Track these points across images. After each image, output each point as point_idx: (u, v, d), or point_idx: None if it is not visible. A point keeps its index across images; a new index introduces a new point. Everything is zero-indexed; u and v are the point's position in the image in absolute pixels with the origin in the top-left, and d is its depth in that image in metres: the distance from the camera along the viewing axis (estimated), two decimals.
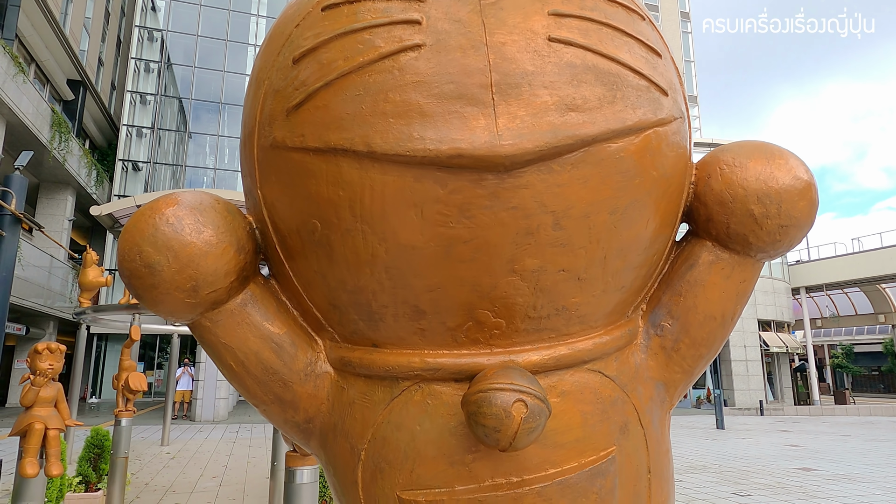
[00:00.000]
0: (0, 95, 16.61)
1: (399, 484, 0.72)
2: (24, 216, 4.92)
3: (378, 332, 0.75)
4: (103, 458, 6.38)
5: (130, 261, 0.70)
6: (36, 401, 3.73)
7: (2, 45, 16.63)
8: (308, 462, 2.99)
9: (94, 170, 25.41)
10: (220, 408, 17.53)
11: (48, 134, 20.22)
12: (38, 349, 3.81)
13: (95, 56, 27.32)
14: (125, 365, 6.35)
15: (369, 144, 0.61)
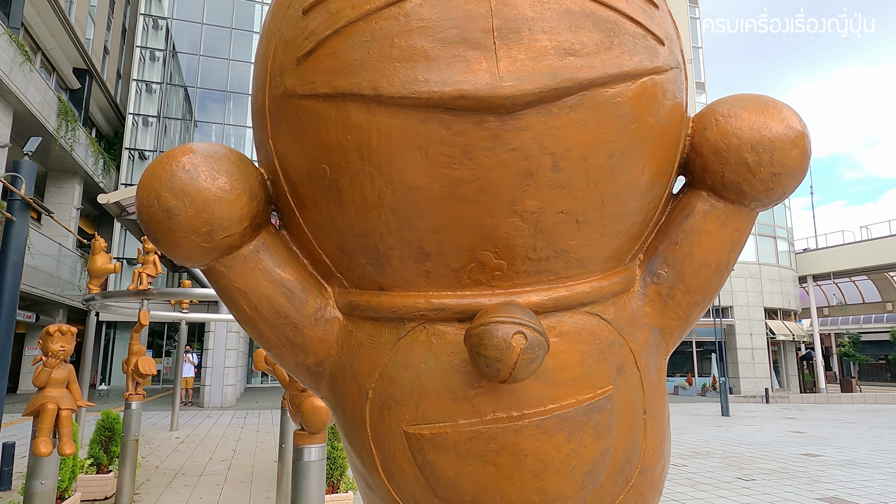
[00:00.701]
0: (7, 84, 16.66)
1: (405, 419, 0.75)
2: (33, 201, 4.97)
3: (385, 276, 0.77)
4: (114, 440, 6.49)
5: (149, 206, 0.73)
6: (48, 382, 3.79)
7: (8, 33, 16.65)
8: (315, 440, 3.04)
9: (101, 158, 25.52)
10: (227, 394, 17.71)
11: (55, 122, 20.30)
12: (49, 331, 3.87)
13: (101, 44, 27.33)
14: (135, 349, 6.43)
15: (376, 88, 0.64)
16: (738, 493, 7.09)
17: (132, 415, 6.29)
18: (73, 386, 3.97)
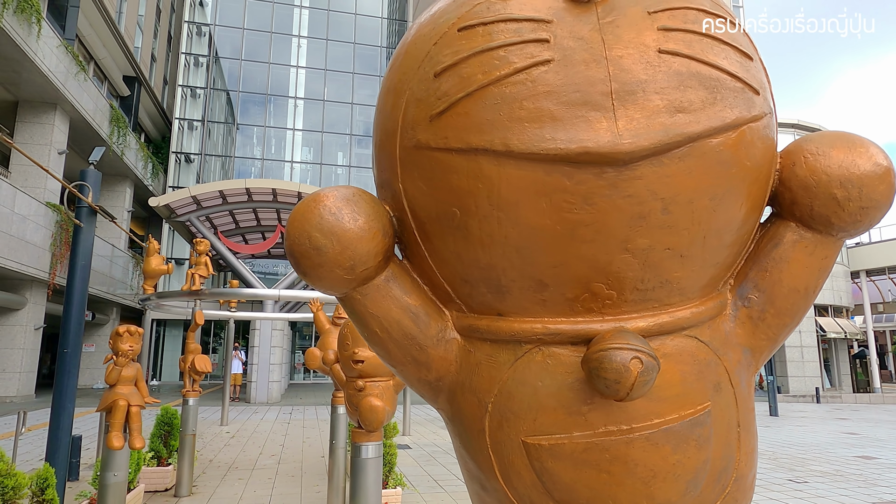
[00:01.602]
0: (64, 93, 17.46)
1: (523, 431, 0.83)
2: (99, 208, 5.24)
3: (504, 303, 0.86)
4: (173, 434, 6.78)
5: (300, 244, 0.82)
6: (119, 379, 4.02)
7: (64, 45, 17.44)
8: (372, 438, 3.15)
9: (150, 162, 26.44)
10: (273, 390, 18.17)
11: (107, 129, 21.16)
12: (119, 332, 4.09)
13: (148, 52, 28.30)
14: (191, 348, 6.71)
15: (507, 145, 0.72)
16: (790, 496, 6.93)
17: (189, 410, 6.57)
18: (141, 383, 4.19)
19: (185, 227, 18.56)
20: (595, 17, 0.74)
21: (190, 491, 6.37)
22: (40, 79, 16.33)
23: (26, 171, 17.06)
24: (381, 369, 3.11)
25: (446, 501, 6.18)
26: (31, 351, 17.04)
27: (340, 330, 3.24)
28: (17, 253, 14.64)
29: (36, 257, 15.71)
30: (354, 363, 3.06)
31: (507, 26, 0.74)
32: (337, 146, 32.53)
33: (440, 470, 7.84)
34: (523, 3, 0.75)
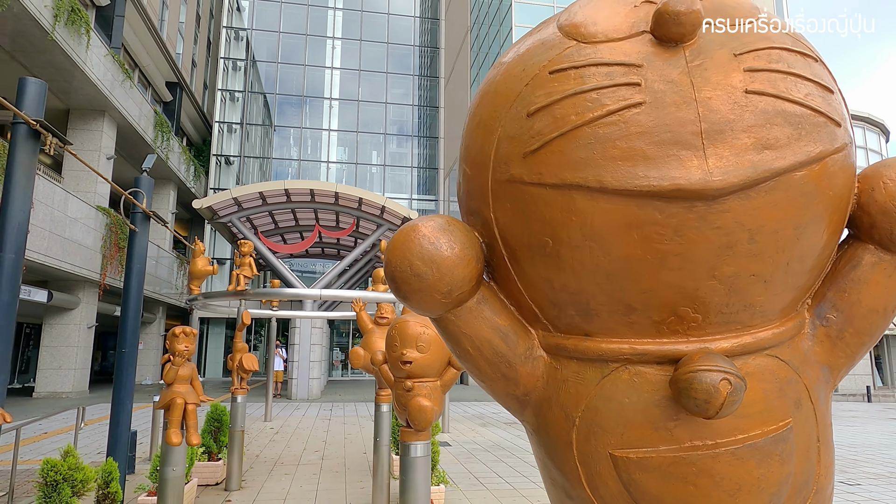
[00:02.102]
0: (112, 101, 18.13)
1: (611, 444, 0.88)
2: (153, 214, 5.47)
3: (591, 325, 0.90)
4: (222, 430, 7.00)
5: (402, 271, 0.89)
6: (176, 379, 4.20)
7: (111, 53, 18.09)
8: (421, 437, 3.22)
9: (192, 165, 27.20)
10: (313, 387, 18.52)
11: (152, 134, 21.87)
12: (175, 333, 4.27)
13: (189, 58, 29.08)
14: (238, 347, 6.91)
15: (601, 181, 0.77)
16: (843, 499, 6.75)
17: (238, 407, 6.78)
18: (196, 382, 4.36)
19: (227, 228, 19.05)
20: (683, 61, 0.78)
21: (240, 485, 6.58)
22: (89, 87, 17.00)
23: (77, 175, 17.79)
24: (429, 370, 3.17)
25: (488, 499, 6.22)
26: (85, 349, 17.79)
27: (388, 331, 3.31)
28: (70, 255, 15.30)
29: (88, 259, 16.38)
30: (403, 364, 3.13)
31: (598, 70, 0.79)
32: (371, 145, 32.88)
33: (481, 468, 7.90)
34: (613, 48, 0.79)
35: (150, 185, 5.68)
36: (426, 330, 3.15)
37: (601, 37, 0.81)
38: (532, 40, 0.89)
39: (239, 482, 6.59)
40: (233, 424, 6.71)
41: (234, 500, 6.08)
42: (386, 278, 0.94)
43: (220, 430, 7.02)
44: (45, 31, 14.25)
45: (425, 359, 3.13)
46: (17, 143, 3.33)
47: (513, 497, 6.28)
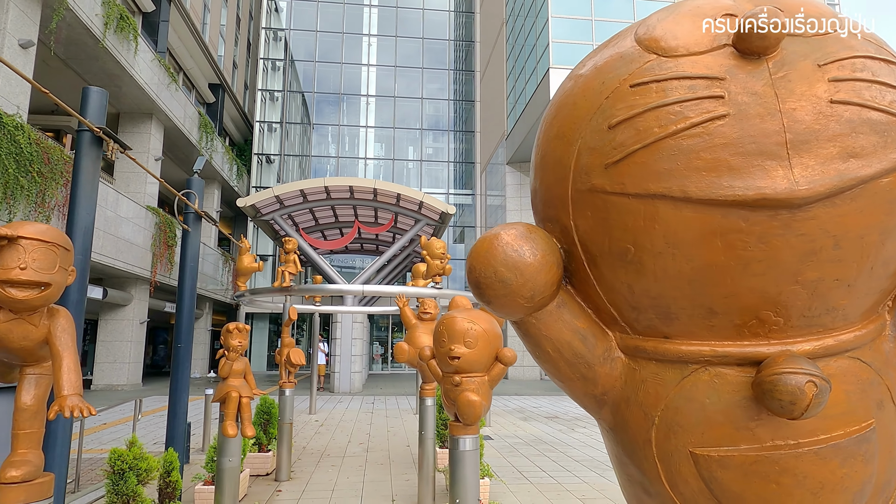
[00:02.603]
0: (159, 104, 18.75)
1: (691, 442, 0.91)
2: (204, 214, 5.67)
3: (671, 328, 0.93)
4: (271, 423, 7.22)
5: (486, 277, 0.93)
6: (230, 373, 4.36)
7: (157, 58, 18.70)
8: (470, 431, 3.27)
9: (235, 164, 27.91)
10: (355, 381, 18.83)
11: (197, 135, 22.52)
12: (229, 329, 4.43)
13: (230, 60, 29.78)
14: (286, 341, 7.09)
15: (685, 192, 0.80)
16: None
17: (286, 401, 6.97)
18: (249, 376, 4.52)
19: (270, 226, 19.50)
20: (767, 73, 0.79)
21: (289, 476, 6.78)
22: (138, 91, 17.62)
23: (128, 177, 18.49)
24: (477, 365, 3.21)
25: (532, 493, 6.25)
26: (138, 343, 18.53)
27: (436, 327, 3.36)
28: (123, 253, 15.94)
29: (139, 257, 17.03)
30: (451, 359, 3.17)
31: (680, 83, 0.81)
32: (408, 141, 33.07)
33: (524, 461, 7.92)
34: (695, 61, 0.81)
35: (200, 187, 5.88)
36: (473, 326, 3.19)
37: (682, 50, 0.83)
38: (609, 53, 0.92)
39: (288, 473, 6.79)
40: (281, 417, 6.91)
41: (284, 490, 6.27)
42: (469, 284, 0.98)
43: (269, 422, 7.24)
44: (97, 39, 14.83)
45: (473, 354, 3.17)
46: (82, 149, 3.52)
47: (557, 491, 6.29)
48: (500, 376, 3.29)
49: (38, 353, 1.88)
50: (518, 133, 24.00)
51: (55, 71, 15.90)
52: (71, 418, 5.09)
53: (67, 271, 1.84)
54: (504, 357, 3.24)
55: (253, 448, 7.01)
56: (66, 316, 1.90)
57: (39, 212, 11.61)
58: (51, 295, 1.77)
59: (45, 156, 11.70)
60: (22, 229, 1.72)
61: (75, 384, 1.75)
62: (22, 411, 1.88)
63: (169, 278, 18.99)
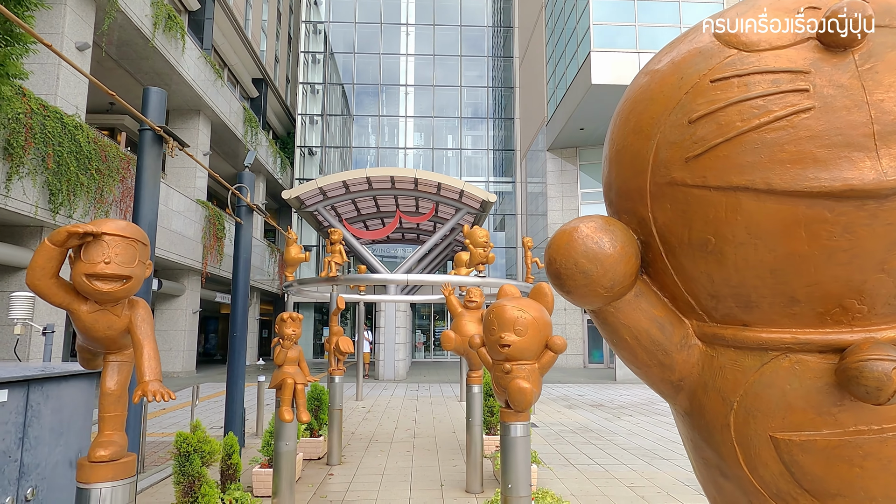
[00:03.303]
0: (206, 100, 19.30)
1: (772, 427, 0.93)
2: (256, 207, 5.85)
3: (751, 316, 0.95)
4: (322, 409, 7.44)
5: (567, 268, 0.97)
6: (285, 360, 4.52)
7: (203, 55, 19.22)
8: (521, 418, 3.31)
9: (278, 157, 28.51)
10: (399, 368, 19.12)
11: (242, 129, 23.08)
12: (283, 318, 4.58)
13: (272, 54, 30.32)
14: (334, 330, 7.28)
15: (769, 184, 0.81)
16: None
17: (335, 387, 7.17)
18: (303, 364, 4.67)
19: (313, 217, 19.89)
20: (853, 65, 0.80)
21: (340, 460, 6.98)
22: (186, 88, 18.18)
23: (178, 172, 19.14)
24: (527, 353, 3.24)
25: (579, 479, 6.26)
26: (191, 332, 19.26)
27: (486, 315, 3.41)
28: (176, 246, 16.55)
29: (190, 249, 17.65)
30: (501, 347, 3.22)
31: (763, 78, 0.82)
32: (447, 130, 33.05)
33: (570, 449, 7.92)
34: (778, 55, 0.82)
35: (251, 181, 6.07)
36: (523, 314, 3.22)
37: (764, 45, 0.84)
38: (687, 49, 0.93)
39: (339, 457, 6.99)
40: (332, 403, 7.11)
41: (336, 474, 6.46)
42: (549, 275, 1.02)
43: (319, 408, 7.46)
44: (147, 39, 15.35)
45: (523, 342, 3.20)
46: (145, 148, 3.69)
47: (605, 479, 6.28)
48: (550, 364, 3.32)
49: (120, 342, 2.01)
50: (558, 119, 23.67)
51: (108, 71, 16.54)
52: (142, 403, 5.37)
53: (145, 265, 1.96)
54: (554, 345, 3.26)
55: (305, 433, 7.24)
56: (145, 307, 2.02)
57: (98, 207, 12.16)
58: (132, 287, 1.89)
59: (102, 153, 12.23)
60: (105, 226, 1.84)
61: (156, 370, 1.87)
62: (107, 396, 2.02)
63: (219, 269, 19.64)
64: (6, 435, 2.84)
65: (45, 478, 3.11)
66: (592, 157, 25.37)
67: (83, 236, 1.77)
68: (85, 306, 1.89)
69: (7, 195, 9.84)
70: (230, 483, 4.49)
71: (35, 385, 3.03)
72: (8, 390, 2.83)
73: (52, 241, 1.74)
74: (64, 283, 1.87)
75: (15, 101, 9.61)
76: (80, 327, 1.93)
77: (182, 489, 3.93)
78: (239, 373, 5.73)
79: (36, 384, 3.04)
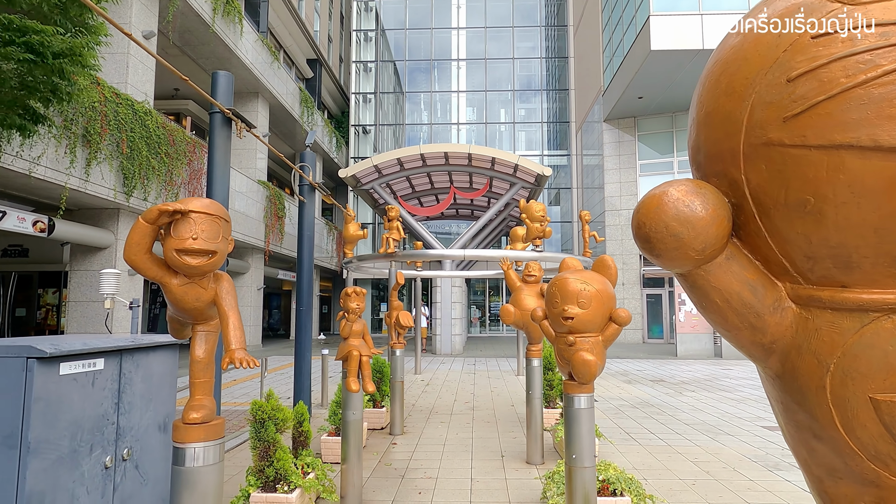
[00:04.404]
0: (264, 82, 19.77)
1: (871, 388, 0.92)
2: (318, 185, 6.01)
3: (850, 277, 0.93)
4: (384, 381, 7.66)
5: (657, 232, 0.98)
6: (350, 333, 4.67)
7: (260, 38, 19.64)
8: (584, 390, 3.32)
9: (334, 137, 28.98)
10: (455, 343, 19.35)
11: (298, 110, 23.55)
12: (347, 292, 4.72)
13: (325, 34, 30.64)
14: (394, 305, 7.44)
15: (876, 140, 0.79)
16: None
17: (396, 360, 7.36)
18: (367, 336, 4.81)
19: (369, 195, 20.20)
20: None
21: (402, 430, 7.20)
22: (244, 72, 18.66)
23: (240, 154, 19.79)
24: (591, 325, 3.23)
25: (641, 453, 6.22)
26: (256, 308, 20.09)
27: (548, 288, 3.41)
28: (240, 225, 17.21)
29: (253, 228, 18.32)
30: (564, 319, 3.22)
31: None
32: (499, 104, 32.64)
33: (631, 423, 7.87)
34: (886, 7, 0.80)
35: (313, 159, 6.23)
36: (587, 287, 3.21)
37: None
38: (784, 4, 0.91)
39: (401, 428, 7.21)
40: (393, 376, 7.31)
41: (399, 443, 6.67)
42: (638, 239, 1.03)
43: (381, 380, 7.68)
44: (207, 25, 15.81)
45: (587, 314, 3.20)
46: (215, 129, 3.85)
47: (668, 453, 6.22)
48: (614, 336, 3.30)
49: (206, 313, 2.15)
50: (615, 88, 22.93)
51: (172, 58, 17.17)
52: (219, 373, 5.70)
53: (227, 240, 2.08)
54: (619, 317, 3.24)
55: (368, 404, 7.49)
56: (229, 280, 2.15)
57: (168, 190, 12.77)
58: (217, 261, 2.01)
59: (170, 138, 12.78)
60: (191, 204, 1.96)
61: (241, 339, 2.00)
62: (196, 363, 2.17)
63: (280, 247, 20.32)
64: (104, 400, 3.09)
65: (138, 440, 3.37)
66: (652, 127, 24.50)
67: (172, 214, 1.90)
68: (175, 280, 2.03)
69: (87, 179, 10.47)
70: (302, 449, 4.72)
71: (126, 354, 3.27)
72: (104, 359, 3.07)
73: (145, 218, 1.88)
74: (157, 259, 2.01)
75: (91, 90, 10.15)
76: (171, 299, 2.07)
77: (258, 454, 4.17)
78: (306, 345, 5.97)
79: (127, 354, 3.28)
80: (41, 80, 5.42)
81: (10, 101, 5.79)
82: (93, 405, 2.99)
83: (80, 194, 10.70)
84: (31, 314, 16.13)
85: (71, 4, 5.55)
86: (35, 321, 16.07)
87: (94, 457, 2.99)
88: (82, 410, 2.91)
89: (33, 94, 5.67)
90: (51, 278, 15.89)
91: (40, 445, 2.63)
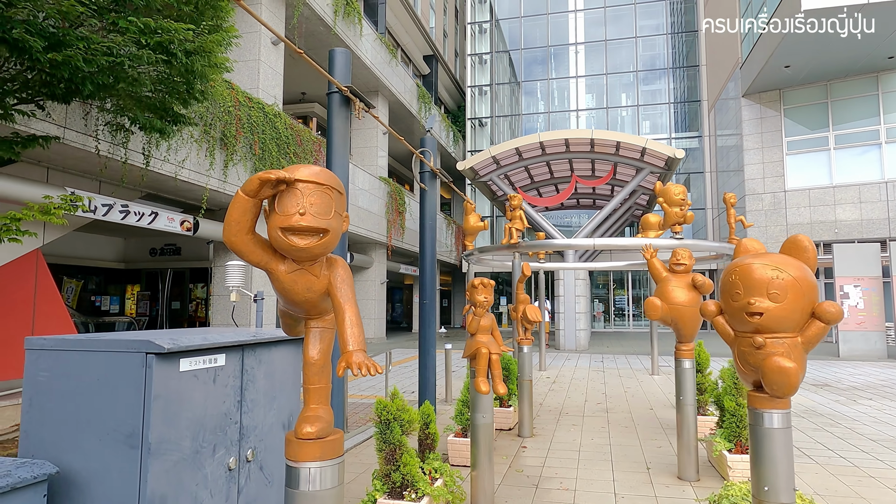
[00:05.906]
0: (383, 80, 20.10)
1: None
2: (439, 172, 5.68)
3: None
4: (510, 378, 7.20)
5: None
6: (478, 329, 4.26)
7: (379, 38, 19.98)
8: (779, 405, 2.61)
9: (451, 131, 29.00)
10: (580, 338, 18.44)
11: (416, 106, 23.77)
12: (474, 284, 4.31)
13: (440, 29, 30.73)
14: (521, 298, 6.95)
15: None
16: None
17: (524, 357, 6.86)
18: (496, 332, 4.37)
19: (487, 186, 19.84)
20: None
21: (531, 432, 6.70)
22: (365, 71, 19.06)
23: (361, 152, 20.29)
24: (785, 323, 2.53)
25: (821, 474, 5.22)
26: (380, 301, 20.54)
27: (725, 277, 2.75)
28: (364, 221, 17.60)
29: (376, 224, 18.68)
30: (750, 316, 2.55)
31: None
32: (620, 87, 30.84)
33: (800, 436, 6.74)
34: None
35: (434, 144, 5.90)
36: (780, 273, 2.51)
37: None
38: None
39: (531, 429, 6.71)
40: (521, 374, 6.83)
41: (529, 447, 6.18)
42: None
43: (507, 378, 7.23)
44: (329, 27, 16.27)
45: (781, 309, 2.50)
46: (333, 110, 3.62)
47: (856, 476, 5.15)
48: (818, 338, 2.56)
49: (320, 306, 1.81)
50: (756, 59, 20.55)
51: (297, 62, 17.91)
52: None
53: (342, 217, 1.71)
54: (824, 312, 2.50)
55: (495, 403, 7.08)
56: (345, 266, 1.78)
57: None
58: (329, 242, 1.64)
59: (297, 138, 13.24)
60: (298, 172, 1.60)
61: (359, 339, 1.62)
62: (310, 366, 1.83)
63: (401, 242, 20.59)
64: (226, 398, 2.92)
65: (262, 440, 3.18)
66: (800, 99, 21.72)
67: (276, 184, 1.55)
68: (283, 266, 1.69)
69: (225, 180, 11.06)
70: (428, 452, 4.39)
71: (248, 350, 3.09)
72: (225, 354, 2.89)
73: (245, 190, 1.54)
74: (261, 241, 1.68)
75: (226, 95, 10.69)
76: (278, 289, 1.75)
77: (384, 456, 3.89)
78: (430, 341, 5.68)
79: (249, 349, 3.09)
80: (175, 80, 5.57)
81: (150, 105, 6.06)
82: (215, 403, 2.82)
83: (219, 195, 11.34)
84: (183, 307, 17.67)
85: (206, 7, 5.67)
86: (188, 313, 17.58)
87: (217, 458, 2.82)
88: (204, 409, 2.74)
89: (171, 95, 5.86)
90: (200, 274, 17.27)
91: (161, 446, 2.47)
